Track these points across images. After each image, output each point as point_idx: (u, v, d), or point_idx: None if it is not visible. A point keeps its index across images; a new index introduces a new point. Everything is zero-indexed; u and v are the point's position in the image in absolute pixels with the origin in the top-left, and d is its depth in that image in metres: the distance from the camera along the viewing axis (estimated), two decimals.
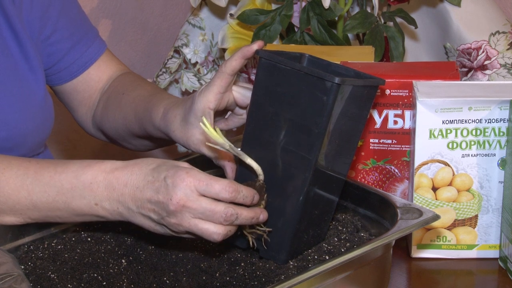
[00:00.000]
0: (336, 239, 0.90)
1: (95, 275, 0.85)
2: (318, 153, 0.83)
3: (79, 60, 1.11)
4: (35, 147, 1.07)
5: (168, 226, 0.82)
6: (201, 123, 0.83)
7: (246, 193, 0.82)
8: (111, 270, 0.86)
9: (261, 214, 0.83)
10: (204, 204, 0.80)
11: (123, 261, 0.87)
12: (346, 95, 0.83)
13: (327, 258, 0.87)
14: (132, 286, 0.84)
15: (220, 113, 0.99)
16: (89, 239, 0.91)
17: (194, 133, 0.93)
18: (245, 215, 0.81)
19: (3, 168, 0.86)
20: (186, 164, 0.83)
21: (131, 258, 0.88)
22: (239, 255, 0.88)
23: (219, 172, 0.94)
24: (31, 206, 0.85)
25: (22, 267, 0.86)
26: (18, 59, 1.04)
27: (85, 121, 1.16)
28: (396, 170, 1.05)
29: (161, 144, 1.13)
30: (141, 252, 0.89)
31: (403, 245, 1.01)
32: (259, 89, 0.86)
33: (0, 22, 1.03)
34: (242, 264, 0.86)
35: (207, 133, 0.82)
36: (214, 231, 0.81)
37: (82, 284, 0.84)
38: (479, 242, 0.99)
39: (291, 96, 0.84)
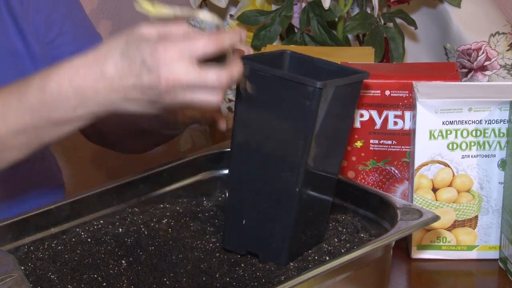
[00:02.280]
0: (336, 240, 0.90)
1: (95, 276, 0.85)
2: (307, 157, 0.83)
3: None
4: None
5: (162, 103, 0.78)
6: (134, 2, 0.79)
7: (230, 36, 0.77)
8: (111, 271, 0.86)
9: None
10: (194, 75, 0.76)
11: (123, 262, 0.87)
12: (329, 96, 0.82)
13: (327, 258, 0.87)
14: (132, 287, 0.84)
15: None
16: (89, 239, 0.91)
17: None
18: (237, 64, 0.78)
19: None
20: (148, 26, 0.78)
21: (131, 259, 0.88)
22: (239, 256, 0.88)
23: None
24: (15, 132, 0.81)
25: (22, 268, 0.86)
26: (25, 60, 1.04)
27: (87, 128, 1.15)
28: (396, 171, 1.05)
29: (158, 141, 1.12)
30: (141, 253, 0.89)
31: (403, 246, 1.01)
32: (242, 97, 0.85)
33: (8, 23, 1.03)
34: (242, 265, 0.86)
35: (147, 10, 0.79)
36: (211, 99, 0.77)
37: (82, 285, 0.84)
38: (479, 243, 0.99)
39: (275, 102, 0.83)
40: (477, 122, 0.95)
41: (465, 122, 0.95)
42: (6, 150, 0.82)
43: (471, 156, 0.97)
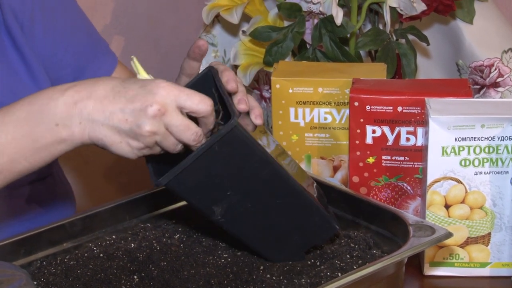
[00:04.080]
0: (348, 256, 0.90)
1: None
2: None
3: None
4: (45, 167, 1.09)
5: (138, 136, 0.78)
6: (131, 62, 0.80)
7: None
8: (123, 286, 0.86)
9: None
10: (181, 118, 0.77)
11: (135, 277, 0.88)
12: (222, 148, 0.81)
13: (339, 275, 0.87)
14: None
15: None
16: (101, 255, 0.91)
17: None
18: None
19: None
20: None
21: (143, 274, 0.88)
22: (249, 271, 0.88)
23: None
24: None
25: (35, 283, 0.86)
26: (27, 82, 1.04)
27: None
28: (409, 187, 1.05)
29: None
30: (153, 269, 0.89)
31: (416, 262, 1.01)
32: (202, 204, 0.84)
33: (7, 45, 1.04)
34: (255, 281, 0.86)
35: (136, 70, 0.81)
36: (178, 148, 0.79)
37: None
38: (492, 260, 0.99)
39: (223, 173, 0.82)
40: (489, 138, 0.95)
41: (478, 138, 0.95)
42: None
43: (484, 173, 0.96)
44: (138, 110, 0.77)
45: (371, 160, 1.04)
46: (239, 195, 0.84)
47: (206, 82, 0.89)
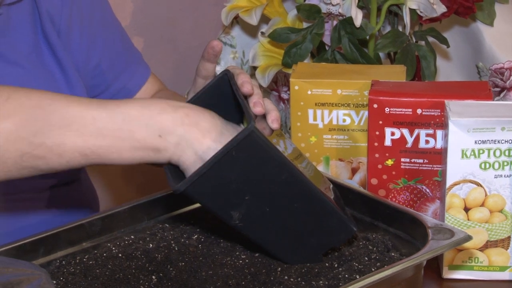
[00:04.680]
0: (366, 258, 0.90)
1: None
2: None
3: (124, 89, 1.13)
4: (74, 171, 1.09)
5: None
6: None
7: None
8: (142, 286, 0.86)
9: None
10: None
11: (154, 277, 0.88)
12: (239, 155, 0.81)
13: (357, 277, 0.87)
14: None
15: None
16: (120, 255, 0.92)
17: None
18: None
19: (64, 96, 0.82)
20: None
21: (161, 274, 0.88)
22: (267, 272, 0.88)
23: None
24: (95, 133, 0.80)
25: (54, 282, 0.87)
26: (63, 87, 1.05)
27: None
28: (428, 190, 1.04)
29: None
30: (171, 269, 0.89)
31: (434, 265, 1.01)
32: (220, 210, 0.85)
33: (44, 51, 1.05)
34: (273, 283, 0.86)
35: None
36: None
37: None
38: None
39: (241, 178, 0.83)
40: (510, 141, 0.95)
41: (498, 141, 0.95)
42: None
43: (504, 176, 0.96)
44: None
45: (389, 162, 1.04)
46: (256, 199, 0.84)
47: (222, 86, 0.89)
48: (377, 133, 1.04)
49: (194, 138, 0.81)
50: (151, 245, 0.94)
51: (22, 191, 1.07)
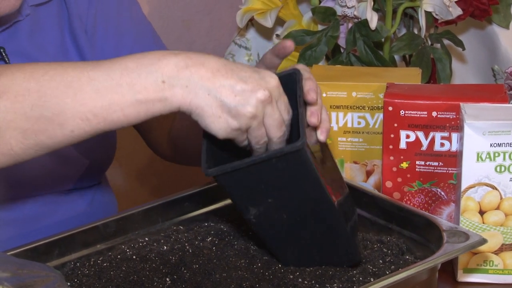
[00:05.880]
0: (381, 261, 0.90)
1: None
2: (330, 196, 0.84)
3: None
4: (95, 175, 1.10)
5: (239, 115, 0.78)
6: None
7: None
8: None
9: None
10: (279, 113, 0.79)
11: (168, 279, 0.88)
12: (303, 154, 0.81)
13: (371, 280, 0.86)
14: None
15: None
16: (134, 257, 0.92)
17: None
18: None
19: (59, 63, 0.79)
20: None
21: (175, 276, 0.88)
22: (281, 275, 0.88)
23: None
24: (93, 94, 0.76)
25: (68, 284, 0.87)
26: None
27: (160, 142, 1.16)
28: (443, 193, 1.04)
29: None
30: (185, 271, 0.89)
31: (449, 269, 1.01)
32: (240, 202, 0.85)
33: (69, 48, 1.06)
34: (287, 285, 0.86)
35: None
36: (261, 143, 0.81)
37: None
38: None
39: (272, 183, 0.82)
40: None
41: None
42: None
43: None
44: (249, 91, 0.77)
45: (404, 165, 1.04)
46: (278, 205, 0.84)
47: (287, 82, 0.87)
48: (392, 135, 1.03)
49: (204, 77, 0.77)
50: (165, 247, 0.94)
51: (42, 194, 1.07)
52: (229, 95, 0.77)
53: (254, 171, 0.81)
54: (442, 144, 1.02)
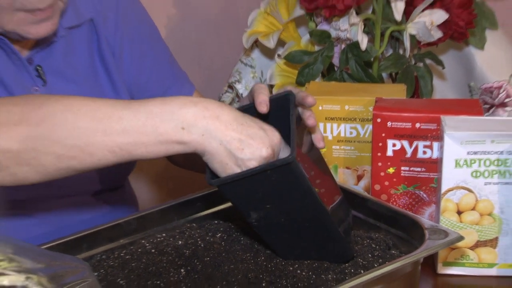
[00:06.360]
0: (370, 255, 0.90)
1: (158, 282, 0.86)
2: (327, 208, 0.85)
3: None
4: (119, 179, 1.10)
5: (242, 165, 0.80)
6: None
7: None
8: (172, 278, 0.87)
9: None
10: None
11: (182, 270, 0.88)
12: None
13: (362, 272, 0.87)
14: None
15: None
16: (153, 250, 0.92)
17: None
18: None
19: (93, 99, 0.81)
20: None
21: (189, 268, 0.89)
22: (282, 268, 0.88)
23: None
24: (121, 131, 0.78)
25: (95, 274, 0.87)
26: None
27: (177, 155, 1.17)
28: (425, 195, 1.04)
29: None
30: (197, 263, 0.90)
31: (430, 262, 1.01)
32: (241, 208, 0.85)
33: (100, 73, 1.06)
34: (286, 276, 0.86)
35: None
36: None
37: None
38: (499, 261, 0.98)
39: (268, 192, 0.82)
40: (498, 152, 0.95)
41: (488, 152, 0.95)
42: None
43: (493, 183, 0.96)
44: (255, 148, 0.80)
45: (391, 170, 1.04)
46: (275, 210, 0.84)
47: (280, 102, 0.88)
48: (380, 144, 1.04)
49: (218, 129, 0.79)
50: (180, 242, 0.94)
51: (72, 195, 1.07)
52: (237, 149, 0.79)
53: (251, 181, 0.81)
54: (424, 152, 1.02)
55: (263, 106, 0.86)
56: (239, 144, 0.79)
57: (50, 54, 1.02)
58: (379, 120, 1.03)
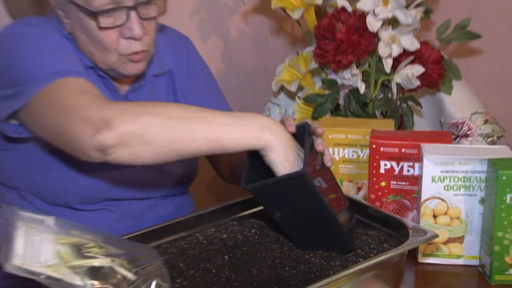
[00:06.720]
0: (367, 248, 0.88)
1: (208, 265, 0.85)
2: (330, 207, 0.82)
3: None
4: (185, 187, 1.09)
5: (291, 167, 0.81)
6: None
7: None
8: (218, 263, 0.86)
9: None
10: None
11: (226, 257, 0.87)
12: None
13: (361, 260, 0.85)
14: (232, 273, 0.83)
15: None
16: (204, 241, 0.91)
17: None
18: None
19: (205, 110, 0.81)
20: None
21: (231, 255, 0.87)
22: (301, 256, 0.86)
23: None
24: (218, 126, 0.79)
25: (162, 258, 0.86)
26: None
27: (222, 169, 1.16)
28: (408, 203, 1.02)
29: None
30: (237, 251, 0.88)
31: (413, 254, 0.98)
32: (268, 208, 0.83)
33: None
34: (304, 263, 0.85)
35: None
36: None
37: (200, 271, 0.84)
38: (465, 254, 0.96)
39: (287, 196, 0.81)
40: (465, 172, 0.93)
41: (456, 171, 0.93)
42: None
43: (460, 195, 0.94)
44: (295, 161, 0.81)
45: (383, 184, 1.02)
46: (293, 211, 0.83)
47: (302, 131, 0.87)
48: (375, 164, 1.02)
49: (284, 137, 0.80)
50: (224, 235, 0.93)
51: (145, 198, 1.06)
52: (292, 155, 0.81)
53: (274, 187, 0.80)
54: (408, 170, 1.01)
55: (292, 127, 0.85)
56: (293, 155, 0.80)
57: (140, 93, 1.02)
58: (374, 146, 1.01)
